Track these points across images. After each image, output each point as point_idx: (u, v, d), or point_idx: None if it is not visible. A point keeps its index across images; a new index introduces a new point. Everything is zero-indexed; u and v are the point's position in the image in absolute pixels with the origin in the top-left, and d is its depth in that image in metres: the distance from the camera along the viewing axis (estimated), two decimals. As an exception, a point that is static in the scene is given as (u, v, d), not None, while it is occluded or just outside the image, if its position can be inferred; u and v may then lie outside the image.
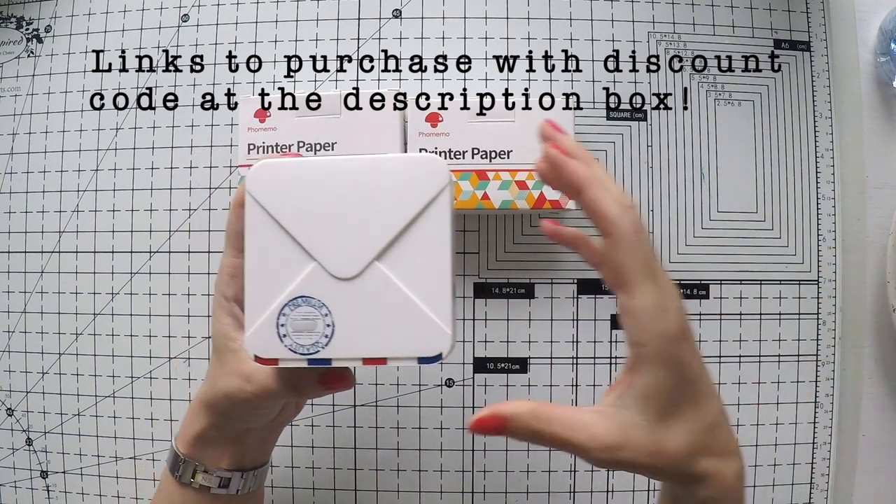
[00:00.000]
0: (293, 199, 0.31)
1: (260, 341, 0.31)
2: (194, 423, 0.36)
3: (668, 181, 0.49)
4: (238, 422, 0.35)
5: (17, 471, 0.50)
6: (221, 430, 0.36)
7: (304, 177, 0.31)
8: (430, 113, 0.43)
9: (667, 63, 0.49)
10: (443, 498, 0.48)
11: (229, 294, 0.35)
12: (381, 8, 0.49)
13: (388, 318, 0.31)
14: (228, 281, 0.35)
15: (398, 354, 0.30)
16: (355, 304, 0.31)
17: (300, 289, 0.31)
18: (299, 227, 0.31)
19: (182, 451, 0.36)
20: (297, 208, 0.31)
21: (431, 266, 0.31)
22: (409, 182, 0.31)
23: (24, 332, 0.50)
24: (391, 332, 0.30)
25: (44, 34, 0.51)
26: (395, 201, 0.31)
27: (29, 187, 0.50)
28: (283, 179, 0.31)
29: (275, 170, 0.31)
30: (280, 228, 0.31)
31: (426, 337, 0.30)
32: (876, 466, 0.49)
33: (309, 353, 0.31)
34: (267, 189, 0.31)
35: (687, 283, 0.48)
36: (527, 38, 0.49)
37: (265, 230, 0.31)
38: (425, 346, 0.30)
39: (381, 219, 0.31)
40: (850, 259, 0.49)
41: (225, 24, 0.50)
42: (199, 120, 0.49)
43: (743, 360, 0.48)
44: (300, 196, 0.31)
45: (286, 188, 0.31)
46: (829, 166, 0.49)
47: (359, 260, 0.31)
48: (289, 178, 0.31)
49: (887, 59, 0.49)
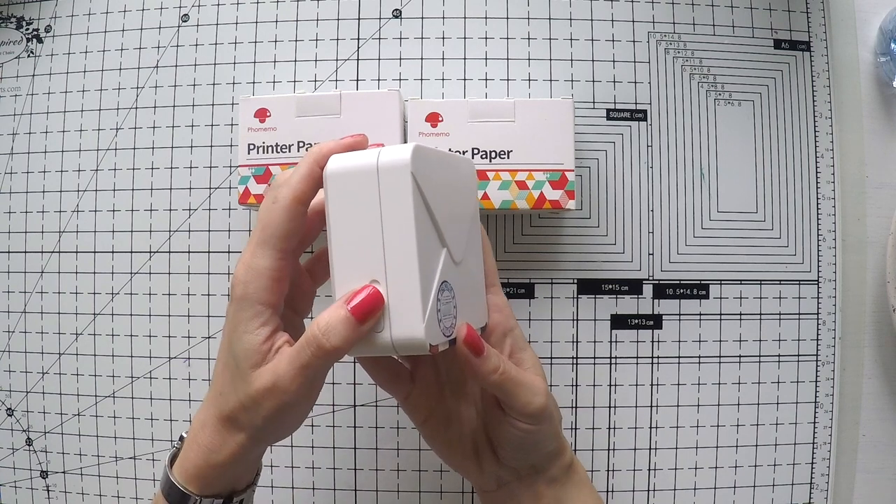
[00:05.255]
0: (436, 186, 0.31)
1: (431, 330, 0.30)
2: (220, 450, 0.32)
3: (668, 181, 0.49)
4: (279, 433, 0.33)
5: (17, 471, 0.50)
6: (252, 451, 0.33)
7: (437, 166, 0.32)
8: (430, 113, 0.43)
9: (667, 63, 0.49)
10: (443, 498, 0.48)
11: (272, 300, 0.31)
12: (381, 8, 0.49)
13: (472, 296, 0.34)
14: (271, 286, 0.31)
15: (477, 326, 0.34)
16: (462, 286, 0.33)
17: (444, 275, 0.31)
18: (440, 214, 0.31)
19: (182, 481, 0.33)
20: (438, 195, 0.31)
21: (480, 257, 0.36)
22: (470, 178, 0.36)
23: (24, 332, 0.50)
24: (474, 309, 0.34)
25: (44, 34, 0.51)
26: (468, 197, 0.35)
27: (29, 187, 0.50)
28: (430, 165, 0.31)
29: (426, 154, 0.31)
30: (428, 214, 0.30)
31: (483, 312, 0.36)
32: (876, 466, 0.49)
33: (450, 335, 0.32)
34: (424, 174, 0.30)
35: (687, 283, 0.48)
36: (527, 38, 0.49)
37: (423, 214, 0.30)
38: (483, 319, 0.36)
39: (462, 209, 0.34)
40: (850, 259, 0.49)
41: (225, 24, 0.50)
42: (199, 120, 0.49)
43: (743, 360, 0.48)
44: (438, 184, 0.31)
45: (431, 174, 0.31)
46: (829, 166, 0.49)
47: (464, 246, 0.34)
48: (432, 165, 0.31)
49: (887, 59, 0.49)
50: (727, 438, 0.48)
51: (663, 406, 0.48)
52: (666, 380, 0.48)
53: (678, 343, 0.48)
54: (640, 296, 0.48)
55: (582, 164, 0.48)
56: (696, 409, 0.48)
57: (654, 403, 0.48)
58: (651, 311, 0.48)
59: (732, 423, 0.48)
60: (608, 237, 0.48)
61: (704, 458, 0.48)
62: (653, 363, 0.48)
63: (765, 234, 0.49)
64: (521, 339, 0.37)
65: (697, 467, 0.48)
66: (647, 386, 0.48)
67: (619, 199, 0.48)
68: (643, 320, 0.48)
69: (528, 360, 0.36)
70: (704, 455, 0.48)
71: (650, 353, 0.48)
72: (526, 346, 0.37)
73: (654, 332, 0.48)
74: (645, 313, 0.48)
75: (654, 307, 0.48)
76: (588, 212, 0.48)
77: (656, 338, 0.48)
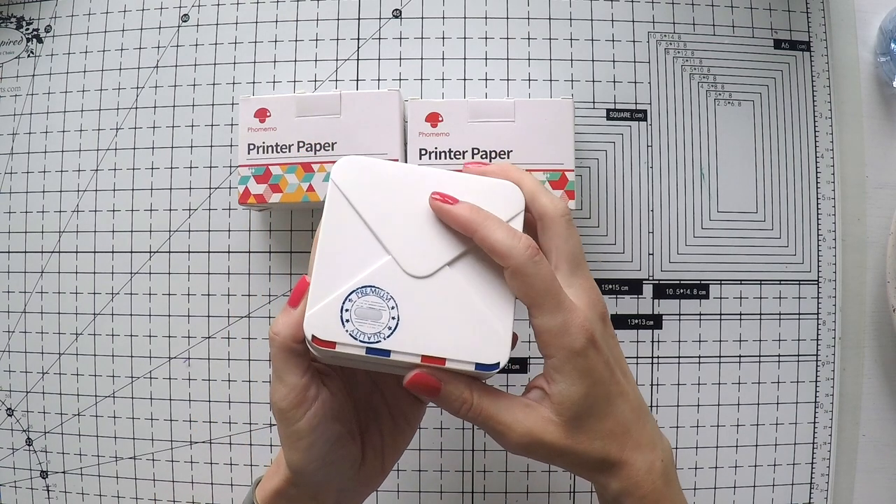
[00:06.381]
0: (376, 196, 0.32)
1: (320, 322, 0.30)
2: (274, 477, 0.35)
3: (668, 181, 0.49)
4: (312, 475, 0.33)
5: (17, 471, 0.50)
6: (298, 486, 0.34)
7: (389, 178, 0.32)
8: (430, 113, 0.43)
9: (667, 63, 0.49)
10: (443, 498, 0.48)
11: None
12: (381, 8, 0.49)
13: (452, 321, 0.31)
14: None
15: (458, 357, 0.31)
16: (422, 303, 0.31)
17: (371, 278, 0.31)
18: (379, 222, 0.32)
19: (260, 501, 0.35)
20: (380, 205, 0.32)
21: (499, 282, 0.32)
22: (488, 203, 0.32)
23: (24, 332, 0.50)
24: (454, 336, 0.31)
25: (44, 34, 0.51)
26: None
27: (29, 187, 0.50)
28: (368, 176, 0.32)
29: (362, 165, 0.32)
30: (360, 220, 0.31)
31: (486, 345, 0.31)
32: (876, 466, 0.49)
33: (370, 341, 0.30)
34: (352, 182, 0.32)
35: (687, 283, 0.48)
36: (527, 38, 0.49)
37: (344, 219, 0.31)
38: (485, 354, 0.31)
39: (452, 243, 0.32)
40: (850, 259, 0.49)
41: (225, 24, 0.50)
42: (199, 120, 0.49)
43: (743, 360, 0.48)
44: (384, 195, 0.32)
45: (371, 185, 0.32)
46: (829, 166, 0.49)
47: (432, 262, 0.32)
48: (374, 177, 0.32)
49: (887, 59, 0.49)
50: (727, 438, 0.48)
51: (663, 406, 0.48)
52: (666, 380, 0.48)
53: (678, 343, 0.48)
54: (639, 296, 0.48)
55: (582, 164, 0.48)
56: (696, 409, 0.48)
57: (654, 403, 0.48)
58: (651, 311, 0.48)
59: (732, 423, 0.48)
60: (608, 237, 0.48)
61: (704, 458, 0.48)
62: (653, 363, 0.48)
63: (765, 234, 0.49)
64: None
65: (697, 467, 0.48)
66: (647, 386, 0.48)
67: (619, 199, 0.48)
68: (643, 320, 0.48)
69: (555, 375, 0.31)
70: (704, 455, 0.48)
71: (650, 353, 0.48)
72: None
73: (654, 332, 0.48)
74: (645, 313, 0.48)
75: (654, 307, 0.48)
76: (588, 212, 0.48)
77: (656, 338, 0.48)
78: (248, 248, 0.49)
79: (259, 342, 0.48)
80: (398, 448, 0.36)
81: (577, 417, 0.31)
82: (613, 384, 0.32)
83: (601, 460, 0.32)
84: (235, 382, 0.48)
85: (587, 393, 0.31)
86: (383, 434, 0.36)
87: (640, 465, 0.32)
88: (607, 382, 0.32)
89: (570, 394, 0.31)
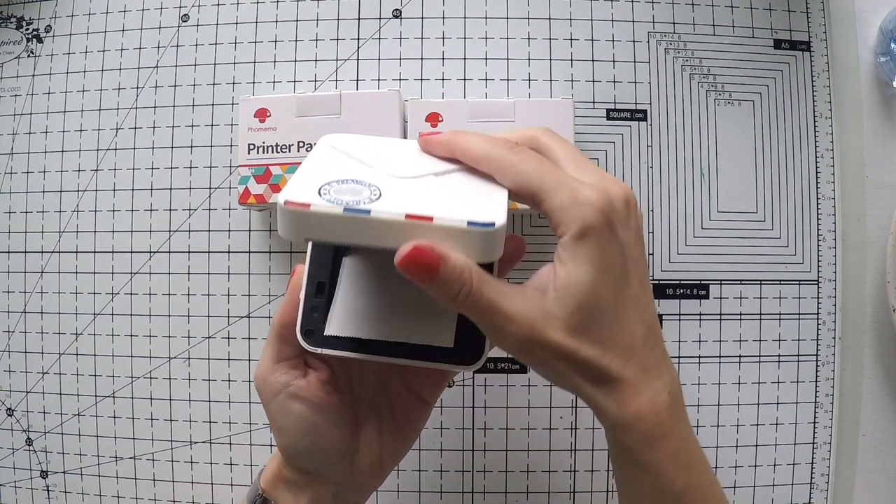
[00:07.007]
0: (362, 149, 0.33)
1: (296, 190, 0.27)
2: (273, 460, 0.36)
3: (668, 181, 0.49)
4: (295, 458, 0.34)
5: (17, 471, 0.50)
6: (292, 470, 0.35)
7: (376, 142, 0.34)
8: (430, 113, 0.44)
9: (667, 63, 0.49)
10: (443, 498, 0.48)
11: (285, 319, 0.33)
12: (381, 8, 0.49)
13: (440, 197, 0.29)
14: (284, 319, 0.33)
15: (447, 215, 0.27)
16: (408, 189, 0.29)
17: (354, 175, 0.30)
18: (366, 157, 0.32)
19: (262, 486, 0.35)
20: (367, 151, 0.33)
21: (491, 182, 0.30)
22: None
23: (24, 332, 0.50)
24: (442, 200, 0.28)
25: (44, 34, 0.51)
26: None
27: (29, 187, 0.50)
28: (356, 140, 0.34)
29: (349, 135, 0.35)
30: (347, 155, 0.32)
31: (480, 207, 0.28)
32: (876, 466, 0.49)
33: (347, 204, 0.27)
34: (339, 139, 0.34)
35: (687, 283, 0.48)
36: (527, 39, 0.49)
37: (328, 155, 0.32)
38: (478, 213, 0.27)
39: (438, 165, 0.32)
40: (850, 259, 0.49)
41: (225, 24, 0.50)
42: (199, 120, 0.49)
43: (743, 360, 0.48)
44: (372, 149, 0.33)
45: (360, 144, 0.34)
46: (829, 166, 0.49)
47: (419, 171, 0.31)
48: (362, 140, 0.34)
49: (887, 59, 0.49)
50: (727, 438, 0.48)
51: (663, 406, 0.48)
52: (666, 380, 0.48)
53: (678, 343, 0.48)
54: (640, 296, 0.48)
55: (582, 164, 0.48)
56: (696, 409, 0.48)
57: (654, 403, 0.48)
58: (651, 311, 0.48)
59: (732, 423, 0.48)
60: (608, 237, 0.48)
61: (704, 458, 0.48)
62: (653, 363, 0.48)
63: (765, 234, 0.49)
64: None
65: (697, 467, 0.48)
66: (647, 386, 0.48)
67: (619, 199, 0.48)
68: (643, 320, 0.48)
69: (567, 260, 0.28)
70: (704, 455, 0.48)
71: (650, 353, 0.48)
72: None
73: (654, 332, 0.48)
74: (645, 313, 0.48)
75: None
76: (588, 212, 0.48)
77: (656, 338, 0.48)
78: (248, 248, 0.49)
79: (259, 342, 0.48)
80: (398, 448, 0.36)
81: (580, 310, 0.28)
82: (626, 283, 0.29)
83: (598, 370, 0.28)
84: (235, 382, 0.48)
85: (595, 280, 0.28)
86: (382, 430, 0.36)
87: (641, 390, 0.29)
88: (618, 276, 0.28)
89: (576, 276, 0.28)
